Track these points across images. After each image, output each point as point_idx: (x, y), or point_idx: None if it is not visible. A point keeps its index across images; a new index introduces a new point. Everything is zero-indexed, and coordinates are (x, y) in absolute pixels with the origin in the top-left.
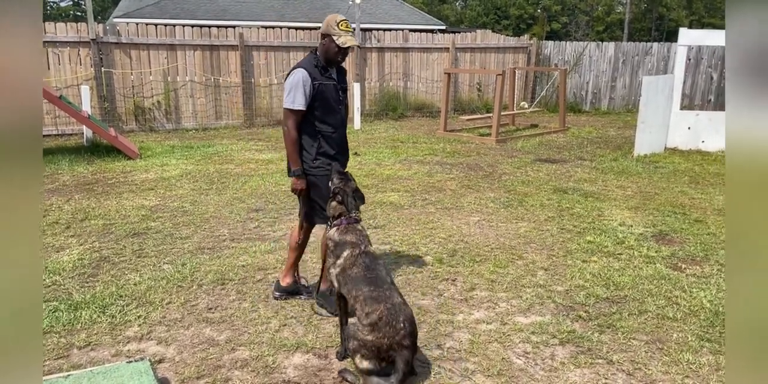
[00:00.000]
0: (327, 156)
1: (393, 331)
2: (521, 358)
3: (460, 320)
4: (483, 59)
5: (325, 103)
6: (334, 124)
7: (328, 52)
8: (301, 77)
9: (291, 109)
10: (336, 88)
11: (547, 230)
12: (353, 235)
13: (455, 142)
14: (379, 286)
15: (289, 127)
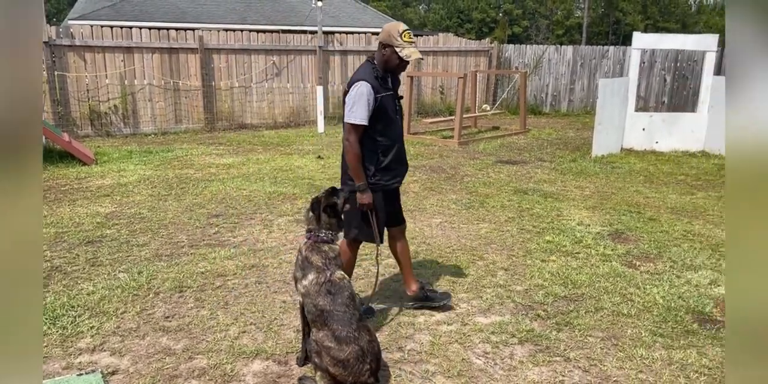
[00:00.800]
0: (386, 170)
1: (358, 370)
2: (481, 358)
3: (422, 322)
4: (445, 62)
5: (385, 116)
6: (392, 136)
7: (389, 63)
8: (366, 91)
9: (353, 123)
10: (393, 98)
11: (508, 231)
12: (318, 257)
13: (418, 144)
14: (348, 325)
15: (351, 142)
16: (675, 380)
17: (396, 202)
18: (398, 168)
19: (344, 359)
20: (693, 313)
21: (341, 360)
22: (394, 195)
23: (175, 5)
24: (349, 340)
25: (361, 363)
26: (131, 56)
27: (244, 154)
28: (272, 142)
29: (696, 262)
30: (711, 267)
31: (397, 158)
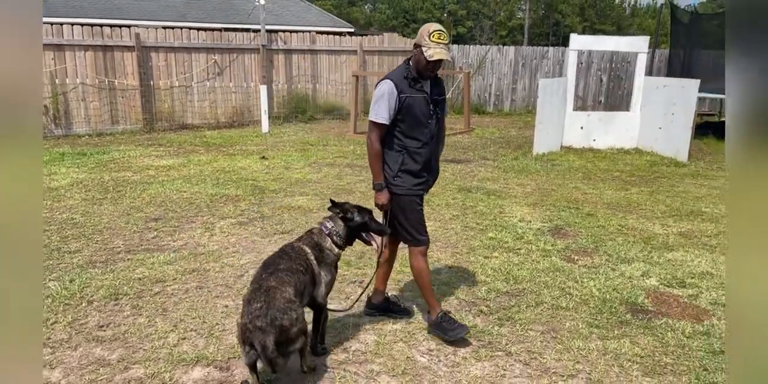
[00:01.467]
0: (410, 173)
1: (247, 311)
2: (425, 356)
3: (367, 322)
4: (391, 62)
5: (413, 118)
6: (421, 139)
7: (419, 64)
8: (387, 89)
9: (374, 121)
10: (426, 100)
11: (452, 228)
12: (310, 250)
13: (365, 144)
14: (264, 271)
15: (372, 140)
16: (609, 369)
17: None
18: (425, 175)
19: (243, 301)
20: (626, 304)
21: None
22: (418, 202)
23: (110, 1)
24: (254, 280)
25: (253, 301)
26: (62, 54)
27: (185, 156)
28: (215, 143)
29: (629, 255)
30: (643, 259)
31: (426, 165)
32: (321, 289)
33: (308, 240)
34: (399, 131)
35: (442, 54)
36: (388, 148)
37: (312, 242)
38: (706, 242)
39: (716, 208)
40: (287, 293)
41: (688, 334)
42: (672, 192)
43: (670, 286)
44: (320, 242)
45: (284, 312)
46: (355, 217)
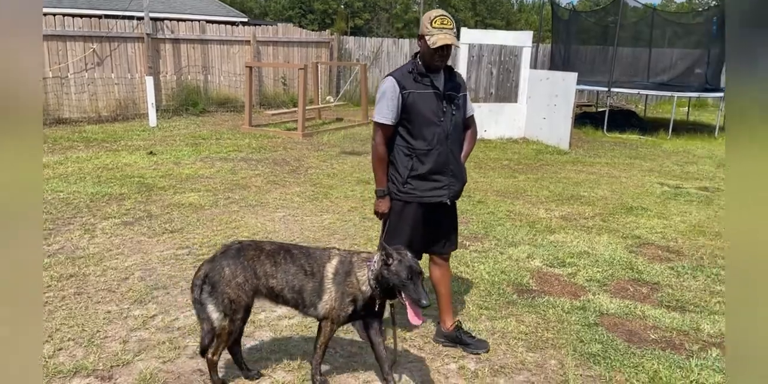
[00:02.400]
0: (421, 178)
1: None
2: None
3: (262, 319)
4: (287, 53)
5: (419, 116)
6: (430, 140)
7: (425, 55)
8: (388, 87)
9: (377, 122)
10: (437, 96)
11: (350, 220)
12: (343, 277)
13: (261, 137)
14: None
15: (376, 143)
16: (497, 348)
17: (441, 221)
18: (441, 179)
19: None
20: (513, 285)
21: None
22: (436, 212)
23: None
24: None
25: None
26: None
27: (62, 152)
28: (96, 138)
29: (516, 238)
30: (528, 242)
31: (439, 167)
32: (325, 302)
33: (342, 256)
34: (406, 131)
35: (447, 39)
36: (398, 152)
37: (344, 260)
38: (583, 224)
39: (593, 192)
40: (258, 268)
41: (566, 309)
42: (555, 178)
43: (552, 266)
44: (353, 268)
45: (228, 276)
46: (393, 268)
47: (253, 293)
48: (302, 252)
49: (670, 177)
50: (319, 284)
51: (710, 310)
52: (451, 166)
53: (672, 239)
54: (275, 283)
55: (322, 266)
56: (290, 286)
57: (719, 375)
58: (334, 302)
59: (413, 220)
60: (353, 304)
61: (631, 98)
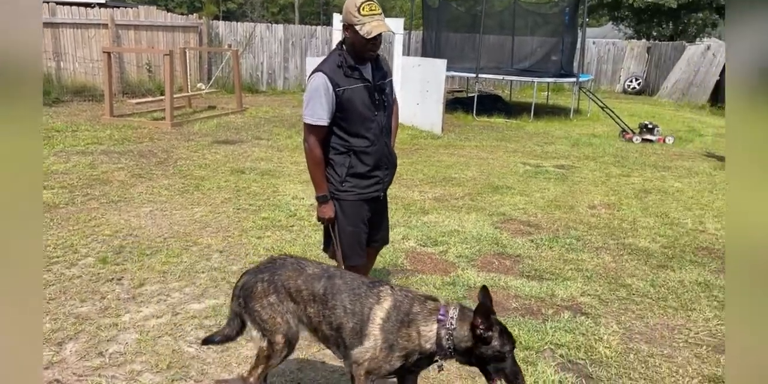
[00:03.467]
0: (359, 176)
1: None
2: (193, 346)
3: (127, 320)
4: (151, 38)
5: (354, 113)
6: (368, 136)
7: (355, 46)
8: (320, 84)
9: (310, 124)
10: (369, 89)
11: (224, 212)
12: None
13: (125, 128)
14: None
15: (311, 145)
16: None
17: (379, 214)
18: (378, 174)
19: None
20: (389, 266)
21: None
22: (373, 206)
23: None
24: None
25: None
26: None
27: None
28: None
29: (392, 221)
30: (403, 224)
31: (378, 163)
32: (366, 349)
33: (397, 300)
34: (342, 130)
35: (381, 26)
36: (331, 151)
37: (400, 305)
38: (454, 204)
39: (463, 174)
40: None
41: (438, 286)
42: (429, 162)
43: (425, 246)
44: (415, 319)
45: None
46: (495, 342)
47: (293, 319)
48: (347, 283)
49: (531, 157)
50: (360, 326)
51: (564, 277)
52: (386, 159)
53: (532, 214)
54: (312, 313)
55: (369, 307)
56: (328, 321)
57: (570, 334)
58: (378, 352)
59: (358, 218)
60: (404, 359)
61: (498, 84)
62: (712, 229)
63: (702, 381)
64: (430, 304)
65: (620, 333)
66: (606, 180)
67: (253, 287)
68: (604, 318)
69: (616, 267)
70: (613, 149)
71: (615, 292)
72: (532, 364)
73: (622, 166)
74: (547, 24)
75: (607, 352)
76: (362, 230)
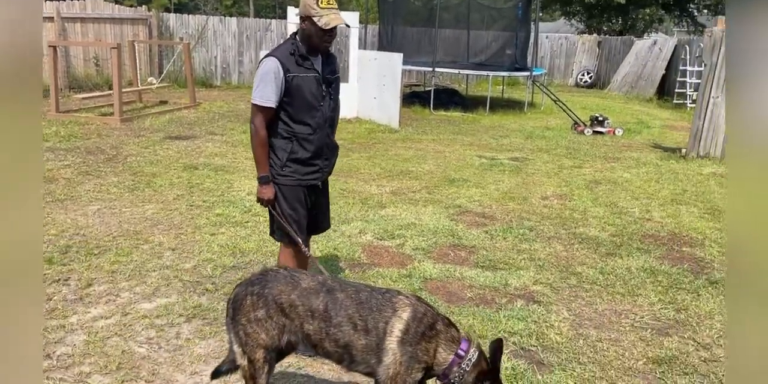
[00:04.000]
0: (299, 162)
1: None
2: (144, 346)
3: (74, 322)
4: (98, 31)
5: (301, 100)
6: (311, 124)
7: (311, 37)
8: (272, 68)
9: (258, 105)
10: (318, 80)
11: (176, 209)
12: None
13: (71, 124)
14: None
15: (257, 126)
16: None
17: (319, 202)
18: (317, 163)
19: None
20: (345, 260)
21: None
22: (312, 194)
23: None
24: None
25: None
26: None
27: None
28: None
29: (349, 215)
30: (361, 218)
31: (319, 151)
32: (387, 366)
33: (417, 311)
34: (287, 115)
35: (338, 19)
36: (274, 136)
37: (420, 317)
38: (411, 197)
39: (420, 167)
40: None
41: (394, 278)
42: (386, 156)
43: (382, 239)
44: (435, 338)
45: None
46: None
47: (281, 335)
48: (351, 297)
49: (487, 150)
50: (376, 342)
51: (517, 266)
52: (326, 149)
53: (487, 206)
54: (312, 330)
55: (385, 321)
56: (333, 339)
57: (522, 322)
58: (399, 366)
59: (297, 202)
60: (423, 371)
61: (455, 78)
62: (658, 217)
63: (647, 362)
64: (453, 332)
65: (570, 319)
66: (558, 171)
67: (243, 300)
68: (555, 305)
69: (567, 256)
70: (565, 141)
71: (566, 280)
72: None
73: (574, 157)
74: (502, 18)
75: (557, 339)
76: (301, 214)
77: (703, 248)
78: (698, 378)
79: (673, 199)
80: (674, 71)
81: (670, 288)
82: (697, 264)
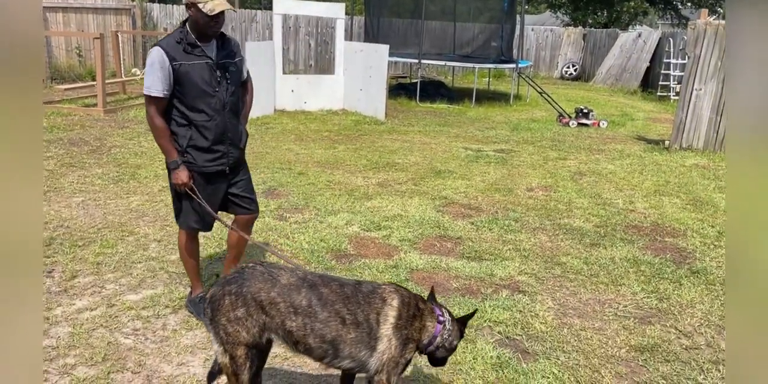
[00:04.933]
0: (199, 149)
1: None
2: (130, 337)
3: (59, 314)
4: (80, 21)
5: (192, 87)
6: (207, 111)
7: (198, 24)
8: (156, 58)
9: (147, 95)
10: (210, 66)
11: (162, 200)
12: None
13: (54, 115)
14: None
15: (151, 115)
16: None
17: (231, 185)
18: (219, 149)
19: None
20: (332, 251)
21: None
22: (222, 179)
23: None
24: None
25: None
26: None
27: None
28: None
29: (336, 207)
30: (347, 210)
31: (220, 137)
32: (382, 353)
33: (404, 296)
34: (181, 103)
35: (224, 4)
36: (174, 123)
37: (408, 301)
38: (398, 189)
39: (406, 159)
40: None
41: (381, 269)
42: (372, 147)
43: (368, 231)
44: (422, 313)
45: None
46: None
47: (261, 332)
48: (336, 292)
49: (473, 141)
50: (368, 333)
51: (502, 257)
52: (230, 134)
53: (473, 197)
54: (294, 327)
55: (377, 312)
56: (318, 335)
57: (508, 312)
58: (394, 350)
59: (200, 188)
60: (414, 351)
61: (441, 70)
62: (641, 208)
63: (629, 350)
64: (429, 305)
65: (555, 309)
66: (544, 163)
67: (220, 300)
68: (540, 295)
69: (552, 246)
70: (550, 133)
71: (550, 271)
72: (471, 342)
73: (559, 149)
74: (488, 10)
75: (542, 328)
76: (210, 201)
77: (685, 238)
78: (679, 365)
79: (656, 190)
80: (658, 64)
81: (652, 277)
82: (680, 254)
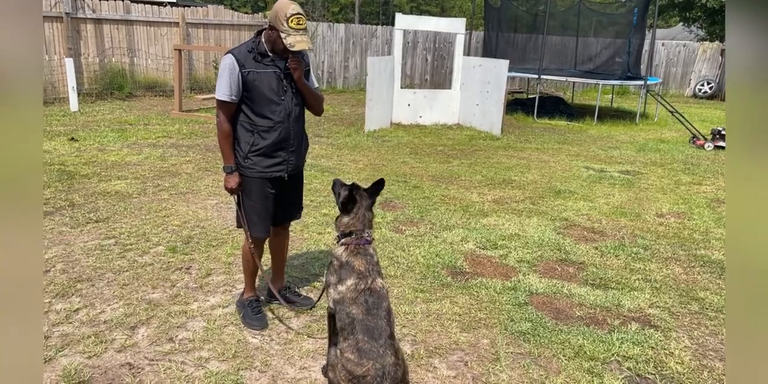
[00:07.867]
0: (261, 154)
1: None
2: (257, 337)
3: (195, 309)
4: (218, 36)
5: (259, 95)
6: (272, 118)
7: (275, 45)
8: (227, 65)
9: (218, 99)
10: (278, 76)
11: None
12: (362, 261)
13: (192, 122)
14: (375, 340)
15: (220, 119)
16: (432, 329)
17: (285, 194)
18: (281, 155)
19: (360, 375)
20: (447, 267)
21: (356, 376)
22: (279, 186)
23: None
24: (371, 356)
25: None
26: None
27: None
28: None
29: (450, 222)
30: (462, 226)
31: (280, 144)
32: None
33: (376, 270)
34: (248, 109)
35: (304, 43)
36: (240, 128)
37: (378, 269)
38: (514, 207)
39: (523, 177)
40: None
41: (498, 290)
42: (487, 163)
43: (484, 249)
44: (375, 258)
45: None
46: (359, 196)
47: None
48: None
49: (595, 161)
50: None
51: (630, 286)
52: (292, 141)
53: (596, 220)
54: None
55: (354, 270)
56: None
57: (638, 347)
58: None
59: (259, 194)
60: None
61: (560, 85)
62: None
63: None
64: (341, 251)
65: (692, 349)
66: (675, 187)
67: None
68: (675, 332)
69: (688, 279)
70: (682, 156)
71: (686, 306)
72: (597, 376)
73: (693, 173)
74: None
75: (678, 368)
76: (264, 206)
77: None
78: None
79: None
80: None
81: None
82: None
